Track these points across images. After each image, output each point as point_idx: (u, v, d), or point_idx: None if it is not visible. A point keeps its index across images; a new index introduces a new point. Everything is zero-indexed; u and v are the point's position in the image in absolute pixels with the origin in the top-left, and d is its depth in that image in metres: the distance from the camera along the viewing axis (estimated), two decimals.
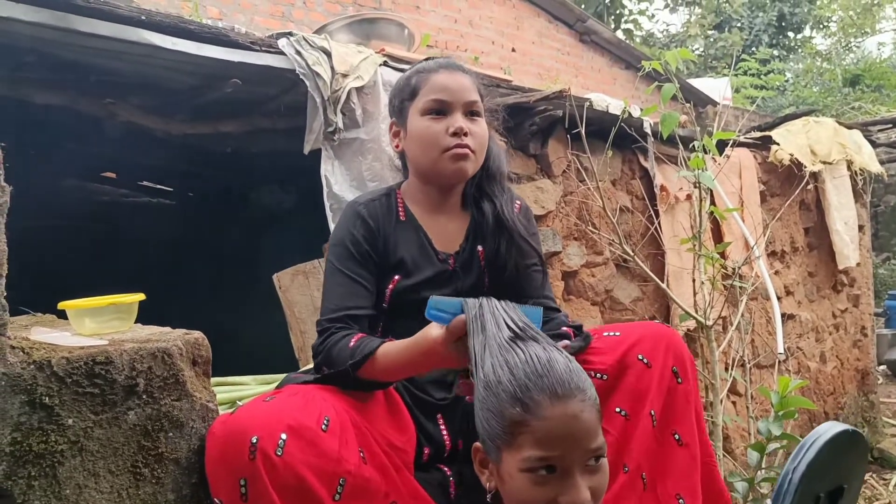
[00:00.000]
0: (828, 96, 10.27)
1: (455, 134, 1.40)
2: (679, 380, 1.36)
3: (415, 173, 1.53)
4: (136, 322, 1.29)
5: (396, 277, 1.43)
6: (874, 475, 4.04)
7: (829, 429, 1.27)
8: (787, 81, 13.38)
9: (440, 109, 1.42)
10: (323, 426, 1.08)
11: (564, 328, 1.45)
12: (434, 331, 1.16)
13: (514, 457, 1.00)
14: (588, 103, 2.64)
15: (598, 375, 1.36)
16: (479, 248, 1.50)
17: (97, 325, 1.18)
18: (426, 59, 1.57)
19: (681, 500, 1.34)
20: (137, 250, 4.06)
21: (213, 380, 1.86)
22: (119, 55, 1.98)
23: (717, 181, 2.97)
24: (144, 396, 1.02)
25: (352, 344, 1.27)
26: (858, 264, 4.52)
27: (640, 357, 1.34)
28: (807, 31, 16.15)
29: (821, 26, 15.87)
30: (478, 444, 1.08)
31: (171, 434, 1.04)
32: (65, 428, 0.96)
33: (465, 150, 1.41)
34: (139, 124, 2.40)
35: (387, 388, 1.34)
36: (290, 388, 1.18)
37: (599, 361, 1.37)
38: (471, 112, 1.44)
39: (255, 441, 1.02)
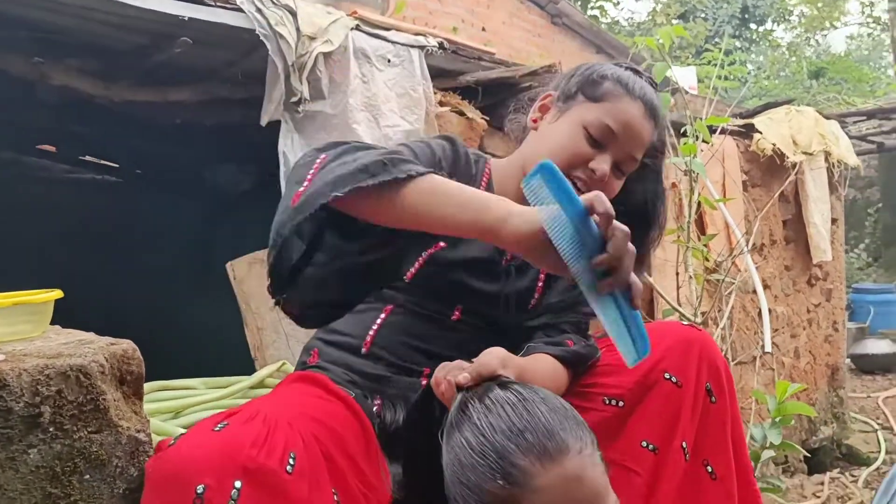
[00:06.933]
0: (791, 88, 10.32)
1: (593, 171, 1.17)
2: (713, 399, 1.13)
3: (522, 162, 1.26)
4: (56, 324, 1.05)
5: (442, 244, 1.15)
6: (845, 473, 3.98)
7: None
8: (749, 73, 13.47)
9: (602, 140, 1.18)
10: (288, 466, 0.84)
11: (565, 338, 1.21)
12: (531, 213, 0.90)
13: None
14: None
15: (613, 402, 1.12)
16: None
17: None
18: (641, 73, 1.27)
19: None
20: (74, 234, 3.75)
21: (157, 384, 1.63)
22: (55, 7, 1.75)
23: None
24: (51, 429, 0.78)
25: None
26: (833, 258, 4.46)
27: (667, 375, 1.10)
28: (768, 24, 16.33)
29: (783, 19, 16.05)
30: None
31: (87, 476, 0.80)
32: None
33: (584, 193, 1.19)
34: (76, 88, 2.14)
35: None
36: (248, 409, 0.93)
37: (614, 383, 1.13)
38: (622, 167, 1.21)
39: (200, 491, 0.78)
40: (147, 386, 1.51)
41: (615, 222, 0.86)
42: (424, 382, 1.09)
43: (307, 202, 0.96)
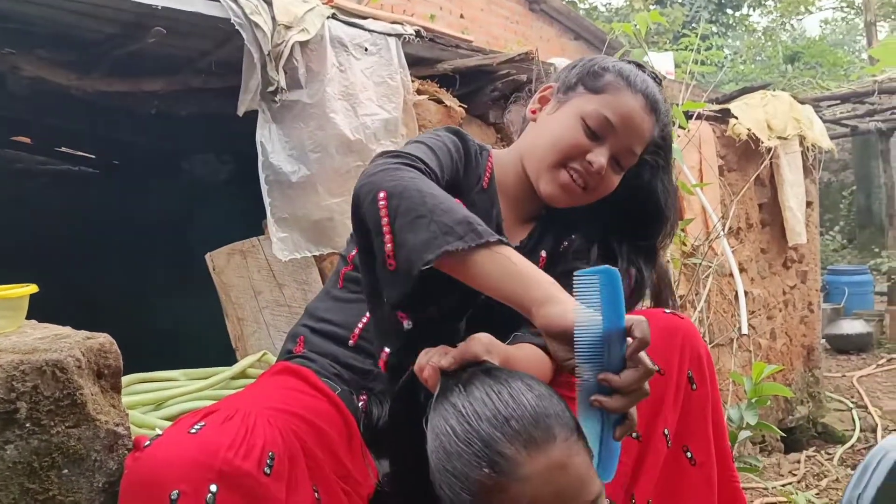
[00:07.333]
0: (767, 73, 10.39)
1: (590, 163, 1.16)
2: (694, 386, 1.14)
3: (518, 153, 1.27)
4: (31, 318, 1.04)
5: None
6: (821, 451, 4.06)
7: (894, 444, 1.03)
8: (725, 58, 13.55)
9: (600, 132, 1.17)
10: (266, 468, 0.83)
11: None
12: (569, 306, 0.86)
13: None
14: (553, 68, 2.45)
15: None
16: (543, 252, 1.27)
17: None
18: (645, 68, 1.24)
19: None
20: (51, 227, 3.70)
21: (136, 376, 1.62)
22: None
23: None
24: (28, 425, 0.78)
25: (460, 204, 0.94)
26: (808, 241, 4.52)
27: None
28: (745, 9, 16.41)
29: (759, 4, 16.14)
30: None
31: (65, 471, 0.80)
32: None
33: (580, 186, 1.18)
34: (49, 80, 2.10)
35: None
36: (226, 406, 0.93)
37: None
38: (620, 161, 1.20)
39: (175, 497, 0.78)
40: (127, 378, 1.51)
41: (644, 357, 0.84)
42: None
43: (407, 266, 0.91)
